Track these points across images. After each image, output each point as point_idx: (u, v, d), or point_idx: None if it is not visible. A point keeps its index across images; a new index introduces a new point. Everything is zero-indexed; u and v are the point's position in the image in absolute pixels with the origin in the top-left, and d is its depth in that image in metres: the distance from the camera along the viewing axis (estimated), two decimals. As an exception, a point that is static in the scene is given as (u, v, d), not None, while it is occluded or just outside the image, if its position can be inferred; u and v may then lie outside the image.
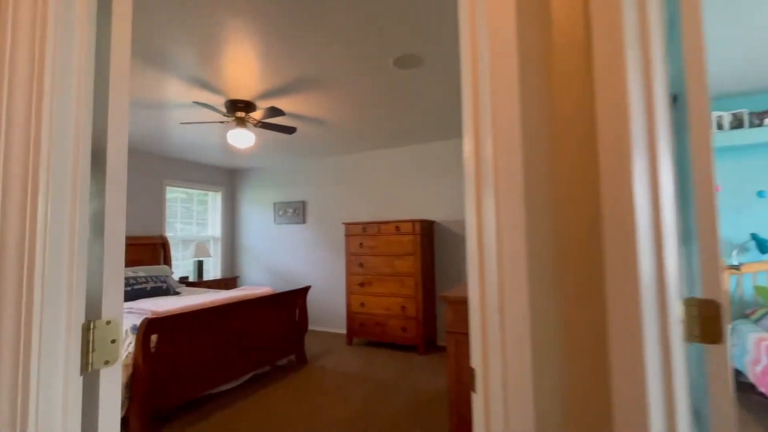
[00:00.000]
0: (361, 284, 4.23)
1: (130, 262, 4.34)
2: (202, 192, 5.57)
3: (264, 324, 3.31)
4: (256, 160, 5.24)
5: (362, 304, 4.21)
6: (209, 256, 5.12)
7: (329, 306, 5.04)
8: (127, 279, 3.57)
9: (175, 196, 5.18)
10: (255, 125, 3.24)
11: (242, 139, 3.15)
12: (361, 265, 4.24)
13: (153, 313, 2.59)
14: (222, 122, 3.18)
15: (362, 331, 4.21)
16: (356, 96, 2.97)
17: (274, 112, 2.93)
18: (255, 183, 5.76)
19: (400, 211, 4.59)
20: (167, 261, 4.77)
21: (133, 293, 3.50)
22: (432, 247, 4.30)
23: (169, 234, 5.01)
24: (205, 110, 3.22)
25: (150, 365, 2.35)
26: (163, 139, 4.16)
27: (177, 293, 3.92)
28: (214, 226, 5.71)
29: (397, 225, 4.07)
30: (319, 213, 5.19)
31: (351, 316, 4.29)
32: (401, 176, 4.60)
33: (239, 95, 2.95)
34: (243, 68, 2.50)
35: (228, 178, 5.88)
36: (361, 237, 4.26)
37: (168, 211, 5.03)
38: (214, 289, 4.73)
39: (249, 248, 5.76)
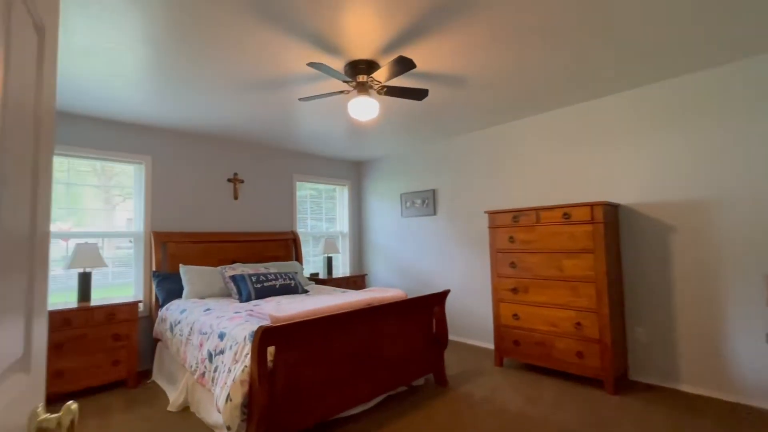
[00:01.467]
0: (514, 290, 3.27)
1: (262, 258, 4.31)
2: (330, 187, 5.39)
3: (397, 334, 2.68)
4: (381, 148, 4.76)
5: (516, 316, 3.25)
6: (338, 252, 4.85)
7: (469, 313, 4.20)
8: (257, 275, 3.41)
9: (304, 193, 5.09)
10: (379, 92, 2.64)
11: (365, 108, 2.58)
12: (512, 265, 3.29)
13: (272, 319, 2.19)
14: (342, 92, 2.67)
15: (517, 350, 3.25)
16: (519, 24, 2.08)
17: (403, 64, 2.26)
18: (380, 174, 5.32)
19: (566, 193, 3.45)
20: (298, 257, 4.64)
21: (262, 290, 3.30)
22: (618, 242, 3.07)
23: (300, 230, 4.92)
24: (323, 83, 2.77)
25: (268, 383, 1.92)
26: (290, 132, 3.96)
27: (305, 291, 3.64)
28: (342, 222, 5.48)
29: (565, 211, 2.98)
30: (451, 202, 4.41)
31: (501, 330, 3.37)
32: (569, 145, 3.46)
33: (359, 53, 2.38)
34: (362, 10, 1.88)
35: (354, 171, 5.60)
36: (512, 229, 3.31)
37: (298, 207, 4.94)
38: (342, 288, 4.40)
39: (376, 244, 5.35)
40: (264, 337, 1.90)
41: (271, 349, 2.01)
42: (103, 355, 2.97)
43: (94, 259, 3.10)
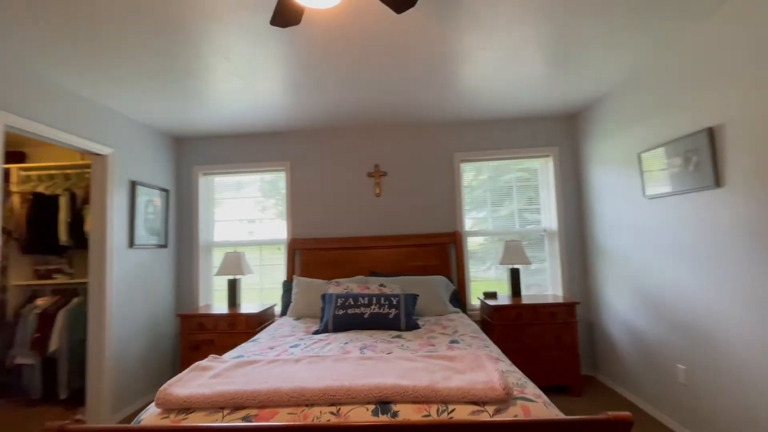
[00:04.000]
0: None
1: (406, 269, 3.31)
2: (522, 162, 3.57)
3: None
4: (606, 70, 2.58)
5: None
6: (527, 263, 3.08)
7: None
8: (348, 297, 2.50)
9: (476, 177, 3.60)
10: None
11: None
12: None
13: (158, 398, 1.28)
14: None
15: None
16: None
17: None
18: (601, 127, 2.98)
19: None
20: (460, 268, 3.29)
21: (343, 320, 2.37)
22: None
23: (472, 228, 3.51)
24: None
25: None
26: (446, 93, 2.74)
27: (410, 328, 2.35)
28: (548, 214, 3.51)
29: None
30: (761, 151, 1.71)
31: None
32: None
33: None
34: None
35: (561, 131, 3.48)
36: None
37: (466, 199, 3.54)
38: (472, 336, 2.68)
39: (604, 248, 3.04)
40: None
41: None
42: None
43: (239, 267, 3.25)
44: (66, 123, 2.45)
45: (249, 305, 3.32)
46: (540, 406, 1.23)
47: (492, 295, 3.18)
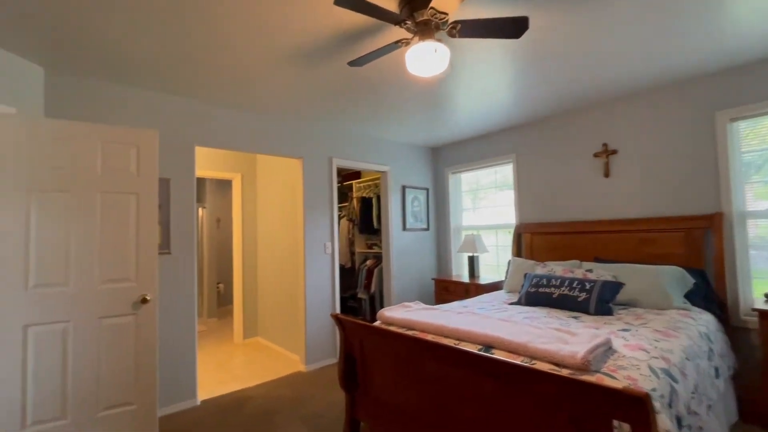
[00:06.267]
0: None
1: (640, 256, 2.97)
2: None
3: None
4: None
5: None
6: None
7: None
8: (545, 277, 2.75)
9: (748, 139, 2.63)
10: (451, 33, 1.67)
11: (428, 58, 1.78)
12: None
13: (379, 317, 2.26)
14: (400, 43, 1.92)
15: None
16: None
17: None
18: None
19: None
20: (719, 259, 2.62)
21: (534, 297, 2.67)
22: None
23: (736, 206, 2.66)
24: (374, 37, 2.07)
25: (345, 360, 2.23)
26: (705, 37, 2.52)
27: (601, 313, 2.33)
28: None
29: None
30: None
31: None
32: None
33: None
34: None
35: None
36: None
37: (738, 164, 2.69)
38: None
39: None
40: (340, 325, 2.26)
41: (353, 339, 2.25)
42: (468, 321, 3.88)
43: (476, 246, 4.09)
44: (364, 155, 4.07)
45: (485, 277, 4.05)
46: (616, 383, 1.31)
47: (777, 300, 2.35)
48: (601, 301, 2.39)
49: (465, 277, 4.14)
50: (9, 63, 2.17)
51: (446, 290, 4.04)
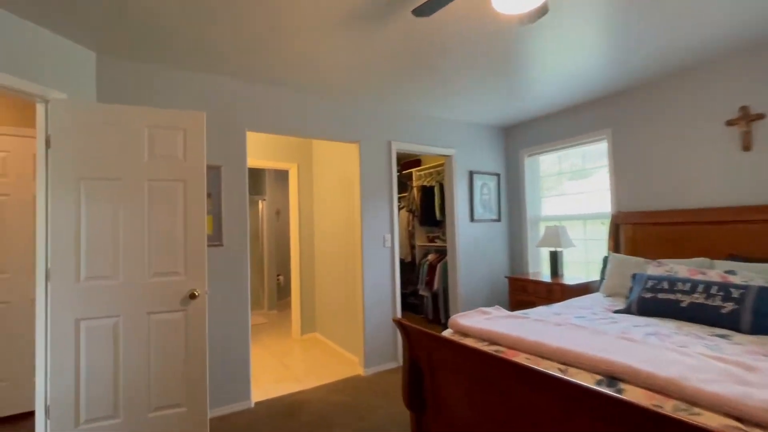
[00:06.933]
0: None
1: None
2: None
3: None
4: None
5: None
6: None
7: None
8: (665, 279, 2.13)
9: None
10: None
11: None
12: None
13: (452, 324, 1.84)
14: None
15: None
16: None
17: None
18: None
19: None
20: None
21: (651, 304, 2.08)
22: None
23: None
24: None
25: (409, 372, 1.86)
26: None
27: (739, 329, 1.69)
28: None
29: None
30: None
31: None
32: None
33: None
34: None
35: None
36: None
37: None
38: None
39: None
40: (404, 332, 1.90)
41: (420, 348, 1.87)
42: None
43: (560, 240, 3.49)
44: (426, 138, 3.65)
45: (571, 276, 3.43)
46: None
47: None
48: (760, 315, 1.74)
49: (545, 276, 3.55)
50: (60, 47, 2.09)
51: (523, 290, 3.50)
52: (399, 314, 3.41)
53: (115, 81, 2.35)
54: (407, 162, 5.41)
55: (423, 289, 4.62)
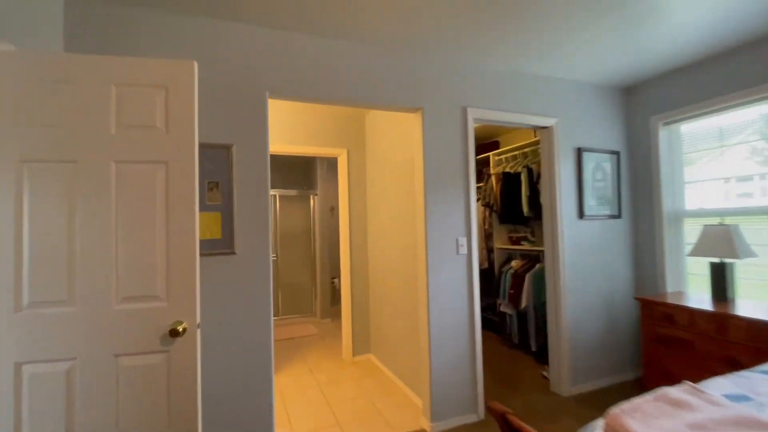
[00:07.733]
0: None
1: None
2: None
3: None
4: None
5: None
6: None
7: None
8: None
9: None
10: None
11: None
12: None
13: (610, 419, 0.90)
14: None
15: None
16: None
17: None
18: None
19: None
20: None
21: None
22: None
23: None
24: None
25: None
26: None
27: None
28: None
29: None
30: None
31: None
32: None
33: None
34: None
35: None
36: None
37: None
38: None
39: None
40: None
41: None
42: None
43: (732, 245, 2.29)
44: (514, 104, 2.64)
45: (751, 303, 2.22)
46: None
47: None
48: None
49: (704, 300, 2.37)
50: (10, -16, 1.52)
51: (667, 321, 2.36)
52: (479, 350, 2.47)
53: (89, 32, 1.75)
54: (481, 145, 4.40)
55: (505, 305, 3.61)
